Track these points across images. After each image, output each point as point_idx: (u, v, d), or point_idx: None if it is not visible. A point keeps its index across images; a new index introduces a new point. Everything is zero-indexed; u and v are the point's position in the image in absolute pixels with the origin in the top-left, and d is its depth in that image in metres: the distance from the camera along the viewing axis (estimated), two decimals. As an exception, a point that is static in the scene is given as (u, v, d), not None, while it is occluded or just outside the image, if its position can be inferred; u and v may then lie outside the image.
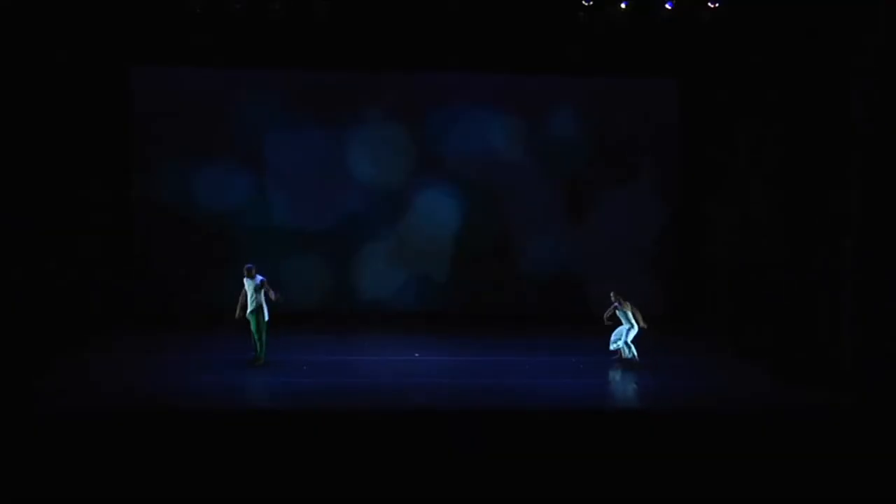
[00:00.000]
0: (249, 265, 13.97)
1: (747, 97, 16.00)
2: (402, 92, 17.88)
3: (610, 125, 18.05)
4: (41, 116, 14.97)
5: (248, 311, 13.87)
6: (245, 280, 13.88)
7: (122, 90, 17.19)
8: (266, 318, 13.95)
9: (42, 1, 14.51)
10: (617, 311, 14.32)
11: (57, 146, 15.53)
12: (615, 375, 14.21)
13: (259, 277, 13.89)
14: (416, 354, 15.12)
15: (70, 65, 15.63)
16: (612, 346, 14.48)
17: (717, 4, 15.10)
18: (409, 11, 15.90)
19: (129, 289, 17.44)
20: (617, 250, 17.90)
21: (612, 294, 14.36)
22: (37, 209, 14.88)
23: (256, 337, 13.96)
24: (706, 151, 17.62)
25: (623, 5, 15.21)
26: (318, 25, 15.87)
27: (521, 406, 12.45)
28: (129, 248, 17.54)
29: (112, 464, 10.03)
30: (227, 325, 15.10)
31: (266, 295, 13.84)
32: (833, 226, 13.78)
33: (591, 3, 15.18)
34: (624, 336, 14.32)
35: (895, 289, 12.86)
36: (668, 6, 15.22)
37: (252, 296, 13.84)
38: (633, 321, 14.24)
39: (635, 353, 14.34)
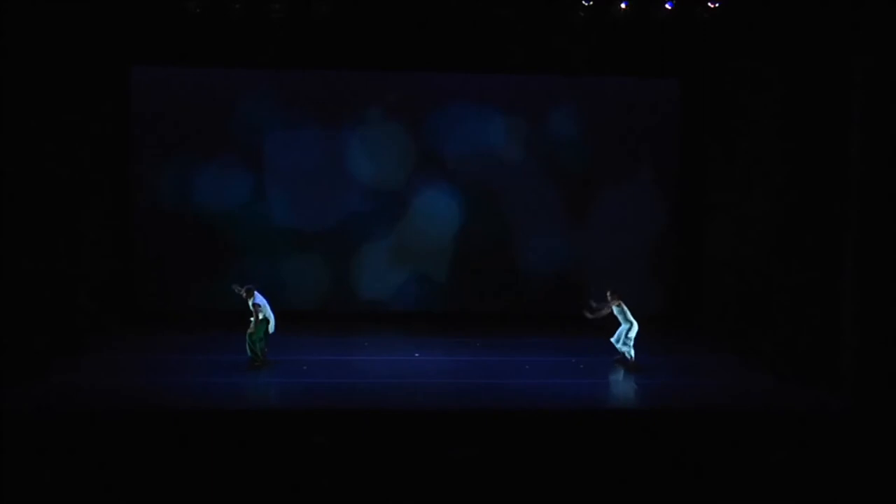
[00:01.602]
0: (240, 290, 13.99)
1: (747, 97, 16.00)
2: (402, 92, 17.88)
3: (610, 125, 18.04)
4: (41, 116, 14.95)
5: (261, 317, 13.91)
6: (257, 300, 13.88)
7: (123, 89, 17.21)
8: (271, 329, 14.02)
9: (42, 0, 14.50)
10: (615, 310, 14.28)
11: (57, 146, 15.51)
12: (615, 375, 14.21)
13: (256, 298, 13.94)
14: (416, 354, 15.13)
15: (70, 64, 15.62)
16: (620, 348, 14.42)
17: (716, 4, 15.11)
18: (409, 12, 15.90)
19: (129, 289, 17.45)
20: (617, 250, 17.90)
21: (608, 293, 14.33)
22: (36, 209, 14.87)
23: (250, 341, 13.91)
24: (707, 151, 17.62)
25: (623, 5, 15.21)
26: (317, 25, 15.88)
27: (522, 406, 12.45)
28: (129, 248, 17.54)
29: (112, 464, 10.03)
30: (227, 325, 15.11)
31: (280, 294, 14.08)
32: (833, 226, 13.78)
33: (591, 3, 15.19)
34: (624, 336, 14.29)
35: (895, 289, 12.86)
36: (668, 6, 15.23)
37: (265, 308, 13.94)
38: (632, 319, 14.20)
39: (633, 353, 14.31)
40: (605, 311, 14.27)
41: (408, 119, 17.88)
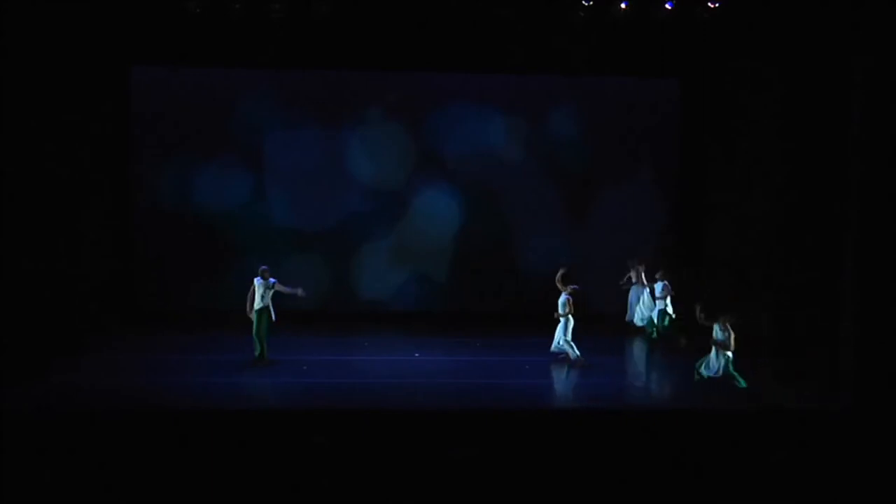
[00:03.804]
0: (264, 266, 14.12)
1: (747, 97, 16.00)
2: (402, 92, 17.88)
3: (610, 125, 18.04)
4: (41, 116, 14.97)
5: (255, 309, 13.91)
6: (256, 280, 13.94)
7: (123, 89, 17.21)
8: (273, 318, 14.05)
9: (43, 0, 14.51)
10: (560, 299, 14.22)
11: (57, 146, 15.53)
12: (611, 375, 14.22)
13: (272, 280, 13.98)
14: (416, 354, 15.13)
15: (71, 64, 15.64)
16: (554, 348, 14.44)
17: (716, 4, 15.11)
18: (409, 12, 15.90)
19: (129, 289, 17.46)
20: (617, 250, 17.85)
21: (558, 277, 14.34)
22: (37, 209, 14.89)
23: (257, 338, 13.98)
24: (707, 151, 17.61)
25: (623, 5, 15.22)
26: (317, 25, 15.89)
27: (522, 406, 12.45)
28: (129, 248, 17.55)
29: (112, 464, 10.03)
30: (227, 325, 15.12)
31: (282, 294, 14.06)
32: (833, 226, 13.78)
33: (591, 3, 15.19)
34: (561, 334, 14.24)
35: (895, 289, 12.86)
36: (668, 6, 15.23)
37: (261, 295, 13.91)
38: (570, 314, 14.13)
39: (570, 350, 14.25)
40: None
41: (408, 119, 17.88)
